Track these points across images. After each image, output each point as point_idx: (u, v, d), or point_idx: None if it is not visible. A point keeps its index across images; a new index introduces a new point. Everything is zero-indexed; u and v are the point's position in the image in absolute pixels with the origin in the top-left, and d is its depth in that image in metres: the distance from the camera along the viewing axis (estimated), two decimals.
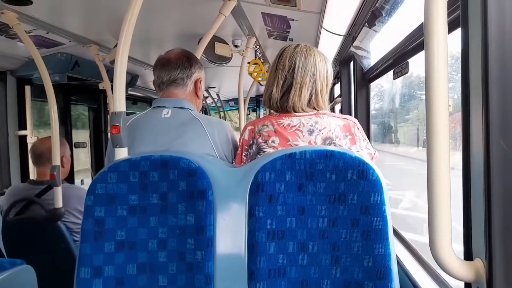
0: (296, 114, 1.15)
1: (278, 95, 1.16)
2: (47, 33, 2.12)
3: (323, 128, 1.12)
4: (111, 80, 1.16)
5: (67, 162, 2.12)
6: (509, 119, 0.61)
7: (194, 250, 0.90)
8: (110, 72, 2.50)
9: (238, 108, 2.90)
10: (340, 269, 0.88)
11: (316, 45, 2.37)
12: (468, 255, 0.70)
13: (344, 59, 2.46)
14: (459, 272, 0.67)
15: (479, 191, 0.65)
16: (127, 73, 1.84)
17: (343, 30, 2.01)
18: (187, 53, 1.38)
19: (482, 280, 0.65)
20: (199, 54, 1.89)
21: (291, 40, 2.43)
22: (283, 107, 1.16)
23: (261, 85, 4.10)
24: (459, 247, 0.72)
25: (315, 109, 1.16)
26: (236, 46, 2.61)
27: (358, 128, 1.16)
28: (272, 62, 1.22)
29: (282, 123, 1.14)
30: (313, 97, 1.16)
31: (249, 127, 1.18)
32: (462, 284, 0.75)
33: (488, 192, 0.63)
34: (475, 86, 0.66)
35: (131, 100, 4.83)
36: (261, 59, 2.91)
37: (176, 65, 1.33)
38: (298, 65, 1.15)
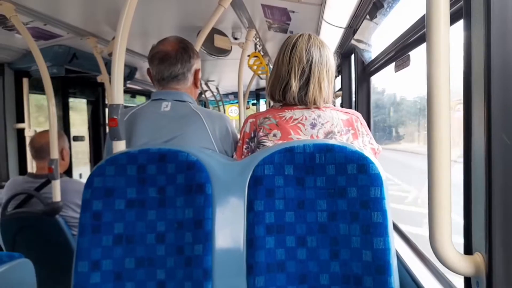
0: (299, 106, 1.13)
1: (297, 88, 1.11)
2: (45, 25, 2.10)
3: (326, 122, 1.11)
4: (110, 73, 1.15)
5: (66, 155, 2.12)
6: (511, 112, 0.61)
7: (193, 244, 0.90)
8: (109, 64, 2.47)
9: (237, 102, 2.88)
10: (339, 263, 0.87)
11: None
12: (468, 249, 0.70)
13: (345, 52, 2.44)
14: (459, 267, 0.67)
15: (479, 185, 0.65)
16: (126, 65, 1.82)
17: (344, 22, 1.99)
18: (184, 43, 1.34)
19: (482, 275, 0.65)
20: (198, 46, 1.87)
21: (291, 32, 2.41)
22: (301, 100, 1.12)
23: (261, 79, 4.07)
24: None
25: (326, 102, 1.15)
26: (235, 38, 2.59)
27: (361, 123, 1.14)
28: (281, 51, 1.16)
29: (284, 116, 1.12)
30: (327, 90, 1.14)
31: (250, 120, 1.17)
32: (461, 278, 0.75)
33: (489, 186, 0.62)
34: (477, 79, 0.65)
35: (130, 93, 4.81)
36: (261, 52, 2.88)
37: (175, 59, 1.29)
38: (316, 58, 1.12)
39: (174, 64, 1.29)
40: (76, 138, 3.61)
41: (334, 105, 1.21)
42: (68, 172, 3.36)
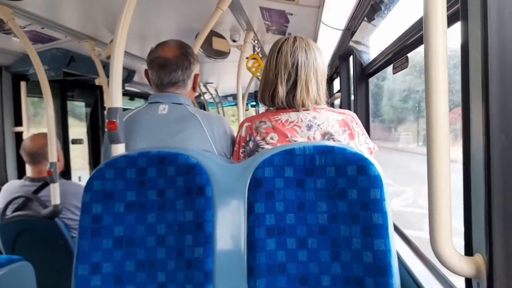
0: (294, 109, 1.14)
1: (284, 92, 1.13)
2: (42, 28, 2.09)
3: (322, 123, 1.11)
4: (108, 76, 1.16)
5: (60, 156, 2.11)
6: (510, 113, 0.61)
7: (193, 247, 0.90)
8: (107, 67, 2.48)
9: (236, 104, 2.88)
10: (340, 265, 0.87)
11: (315, 39, 2.36)
12: (469, 251, 0.70)
13: (343, 53, 2.45)
14: (459, 268, 0.67)
15: (479, 186, 0.65)
16: (124, 68, 1.82)
17: (342, 24, 1.99)
18: (184, 49, 1.34)
19: (483, 276, 0.65)
20: (196, 49, 1.87)
21: (289, 34, 2.42)
22: (290, 104, 1.13)
23: (260, 81, 4.05)
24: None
25: (317, 103, 1.15)
26: (234, 41, 2.59)
27: (356, 123, 1.15)
28: (269, 57, 1.18)
29: (280, 119, 1.13)
30: (316, 92, 1.15)
31: (246, 124, 1.17)
32: (462, 280, 0.75)
33: (488, 187, 0.62)
34: (475, 80, 0.65)
35: (128, 96, 4.80)
36: (259, 54, 2.88)
37: (176, 66, 1.28)
38: (301, 61, 1.12)
39: (175, 71, 1.29)
40: (75, 141, 3.61)
41: (333, 107, 1.21)
42: (67, 175, 3.36)
